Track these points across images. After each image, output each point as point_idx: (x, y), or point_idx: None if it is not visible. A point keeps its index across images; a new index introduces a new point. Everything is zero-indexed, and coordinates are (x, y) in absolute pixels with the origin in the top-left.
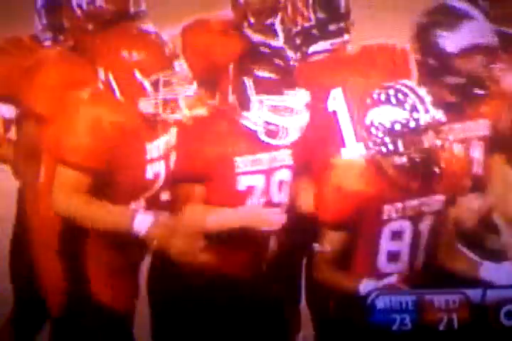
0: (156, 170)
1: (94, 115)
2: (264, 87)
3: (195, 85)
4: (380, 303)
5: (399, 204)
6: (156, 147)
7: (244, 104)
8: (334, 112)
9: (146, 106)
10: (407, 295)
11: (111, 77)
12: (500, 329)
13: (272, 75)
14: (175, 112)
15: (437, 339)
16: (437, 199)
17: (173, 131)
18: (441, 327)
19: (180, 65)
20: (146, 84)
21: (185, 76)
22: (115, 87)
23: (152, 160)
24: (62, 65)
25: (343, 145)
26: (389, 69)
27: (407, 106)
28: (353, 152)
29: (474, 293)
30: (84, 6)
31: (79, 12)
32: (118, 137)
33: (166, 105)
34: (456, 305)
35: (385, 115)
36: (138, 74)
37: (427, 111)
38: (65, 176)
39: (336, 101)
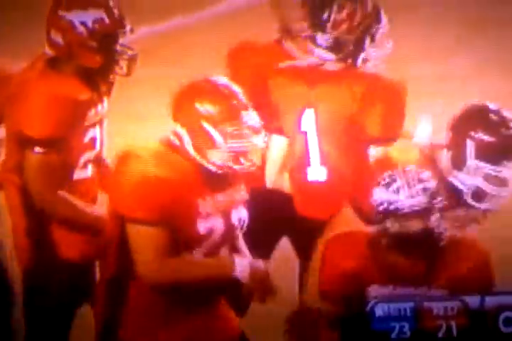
0: (209, 225)
1: (148, 168)
2: (485, 153)
3: (263, 135)
4: (379, 311)
5: (388, 288)
6: (212, 202)
7: (459, 164)
8: (305, 132)
9: (214, 157)
10: (405, 303)
11: (181, 128)
12: (499, 336)
13: (495, 142)
14: (243, 165)
15: None
16: (436, 293)
17: (241, 187)
18: (440, 334)
19: (249, 115)
20: (215, 135)
21: (253, 126)
22: (186, 138)
23: (207, 215)
24: (50, 85)
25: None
26: (368, 100)
27: (392, 189)
28: (316, 175)
29: (473, 300)
30: (90, 24)
31: (82, 29)
32: (172, 190)
33: (235, 157)
34: (454, 312)
35: (376, 195)
36: (206, 125)
37: (411, 196)
38: (138, 235)
39: (308, 121)
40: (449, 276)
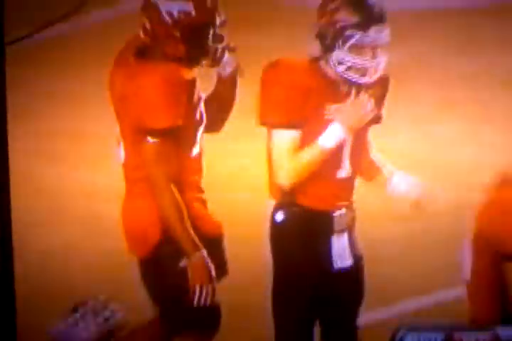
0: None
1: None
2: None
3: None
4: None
5: None
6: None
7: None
8: None
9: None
10: (436, 333)
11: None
12: None
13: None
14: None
15: None
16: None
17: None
18: None
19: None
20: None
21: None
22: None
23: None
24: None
25: None
26: None
27: (72, 319)
28: None
29: (505, 332)
30: (175, 14)
31: (168, 19)
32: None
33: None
34: None
35: None
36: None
37: (89, 328)
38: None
39: None
40: None
